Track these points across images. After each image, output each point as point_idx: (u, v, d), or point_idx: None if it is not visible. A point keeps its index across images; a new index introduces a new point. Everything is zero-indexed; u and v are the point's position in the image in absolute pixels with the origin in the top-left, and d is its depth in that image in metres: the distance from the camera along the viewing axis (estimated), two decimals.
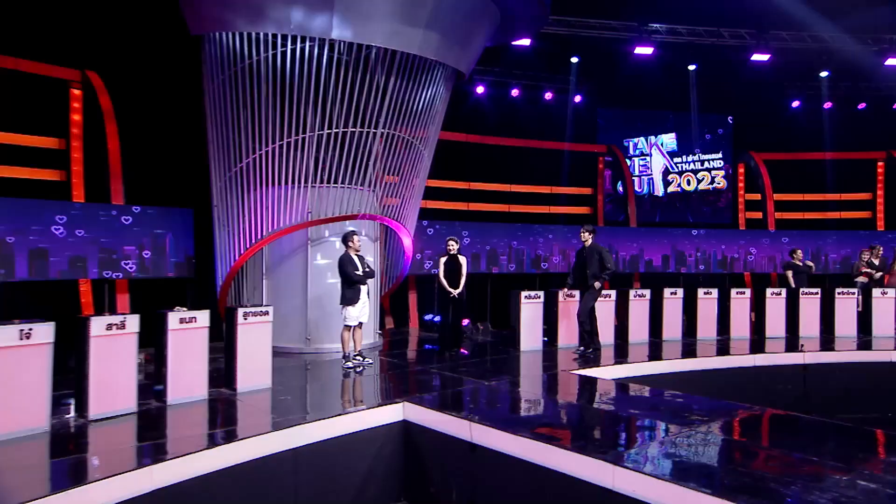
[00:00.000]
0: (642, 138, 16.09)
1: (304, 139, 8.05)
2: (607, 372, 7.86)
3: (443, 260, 8.84)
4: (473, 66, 9.37)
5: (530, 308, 9.01)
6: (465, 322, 9.92)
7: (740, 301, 10.27)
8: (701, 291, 10.21)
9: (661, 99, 15.48)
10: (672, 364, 8.49)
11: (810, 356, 8.93)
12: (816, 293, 10.38)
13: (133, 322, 5.57)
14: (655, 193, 15.99)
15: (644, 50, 13.04)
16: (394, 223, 9.06)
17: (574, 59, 13.34)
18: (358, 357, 7.65)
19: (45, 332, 4.98)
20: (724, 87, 14.88)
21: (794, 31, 13.10)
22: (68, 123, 9.12)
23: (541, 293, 9.14)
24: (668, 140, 16.08)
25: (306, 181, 8.19)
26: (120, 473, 4.18)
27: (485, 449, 5.17)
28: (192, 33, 8.04)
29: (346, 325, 7.60)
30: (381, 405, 5.95)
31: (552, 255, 12.60)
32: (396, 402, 5.99)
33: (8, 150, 8.67)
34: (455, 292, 8.67)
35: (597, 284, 8.34)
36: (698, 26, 13.07)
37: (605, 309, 9.56)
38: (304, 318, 8.61)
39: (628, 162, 15.55)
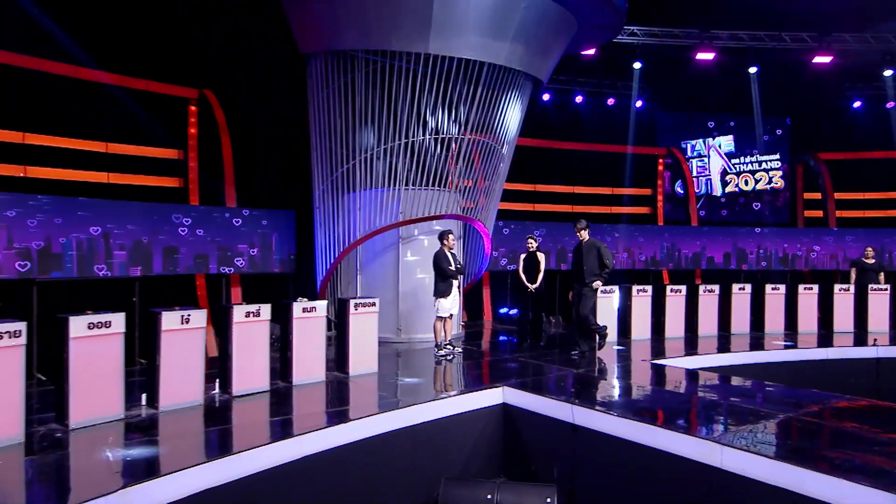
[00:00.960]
0: (700, 140, 15.83)
1: (397, 146, 8.35)
2: (681, 362, 7.88)
3: (522, 256, 9.03)
4: (550, 75, 9.49)
5: (606, 303, 9.05)
6: None
7: (807, 297, 10.07)
8: (768, 287, 10.05)
9: (719, 101, 15.21)
10: (745, 356, 8.43)
11: (883, 350, 8.69)
12: (886, 289, 10.08)
13: (266, 310, 5.95)
14: (714, 193, 15.71)
15: (705, 55, 12.87)
16: (476, 222, 9.27)
17: (637, 66, 13.25)
18: (448, 346, 7.89)
19: (199, 318, 5.41)
20: (783, 88, 14.50)
21: (856, 32, 12.67)
22: (186, 136, 9.70)
23: (615, 288, 9.18)
24: (726, 142, 15.76)
25: (398, 184, 8.49)
26: (269, 443, 4.53)
27: (587, 430, 5.31)
28: (301, 51, 8.46)
29: (438, 317, 7.86)
30: (483, 389, 6.14)
31: (618, 253, 12.58)
32: (496, 387, 6.19)
33: (137, 160, 9.33)
34: (532, 287, 8.83)
35: (596, 284, 7.68)
36: (760, 31, 12.79)
37: (675, 303, 9.55)
38: (395, 310, 8.88)
39: (687, 163, 15.33)
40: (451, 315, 8.00)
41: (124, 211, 8.05)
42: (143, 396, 5.30)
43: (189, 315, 5.32)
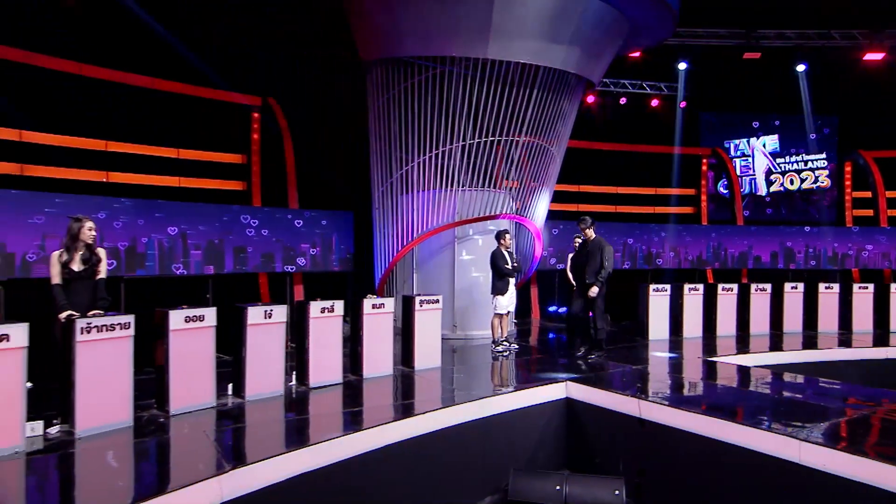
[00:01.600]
0: (744, 140, 15.54)
1: (453, 149, 8.46)
2: (737, 360, 7.78)
3: (570, 255, 9.03)
4: (602, 77, 9.47)
5: (658, 300, 9.02)
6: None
7: (863, 296, 9.82)
8: (822, 286, 9.84)
9: (764, 101, 14.90)
10: (800, 355, 8.30)
11: None
12: None
13: (339, 306, 6.12)
14: (758, 193, 15.39)
15: (752, 55, 12.64)
16: (529, 222, 9.32)
17: (682, 66, 13.09)
18: (505, 342, 7.95)
19: (281, 313, 5.60)
20: (832, 87, 14.12)
21: None
22: (249, 142, 10.02)
23: (667, 286, 9.11)
24: (770, 141, 15.43)
25: (454, 185, 8.61)
26: (354, 432, 4.67)
27: (655, 424, 5.31)
28: (362, 58, 8.65)
29: (496, 313, 7.93)
30: (546, 384, 6.18)
31: (664, 252, 12.47)
32: (559, 382, 6.23)
33: (204, 165, 9.69)
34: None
35: (592, 292, 7.25)
36: (808, 29, 12.49)
37: (726, 302, 9.43)
38: (451, 307, 8.97)
39: (732, 163, 15.07)
40: (508, 312, 8.06)
41: (197, 212, 8.37)
42: (230, 386, 5.51)
43: (272, 310, 5.52)
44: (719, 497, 4.77)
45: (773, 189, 15.39)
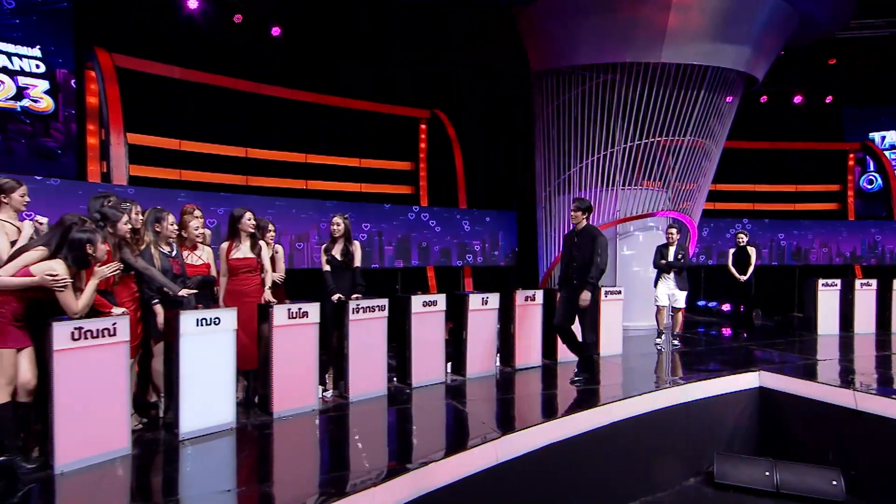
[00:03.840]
0: (892, 132, 13.91)
1: (616, 151, 8.31)
2: None
3: (731, 251, 8.58)
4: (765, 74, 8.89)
5: (827, 296, 8.32)
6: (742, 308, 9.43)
7: None
8: None
9: None
10: None
11: None
12: None
13: (539, 295, 6.22)
14: None
15: None
16: (687, 218, 8.96)
17: (830, 62, 11.96)
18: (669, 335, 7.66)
19: (494, 300, 5.79)
20: None
21: None
22: (417, 150, 10.45)
23: (837, 281, 8.39)
24: None
25: (615, 185, 8.45)
26: (585, 409, 4.69)
27: (876, 417, 4.89)
28: (533, 69, 8.73)
29: (657, 306, 7.71)
30: (739, 373, 5.90)
31: (814, 248, 11.49)
32: (752, 371, 5.92)
33: (379, 172, 10.21)
34: (742, 278, 8.36)
35: (584, 297, 5.13)
36: None
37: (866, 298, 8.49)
38: None
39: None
40: (669, 305, 7.74)
41: (384, 212, 8.86)
42: (449, 365, 5.76)
43: (487, 297, 5.71)
44: None
45: None
